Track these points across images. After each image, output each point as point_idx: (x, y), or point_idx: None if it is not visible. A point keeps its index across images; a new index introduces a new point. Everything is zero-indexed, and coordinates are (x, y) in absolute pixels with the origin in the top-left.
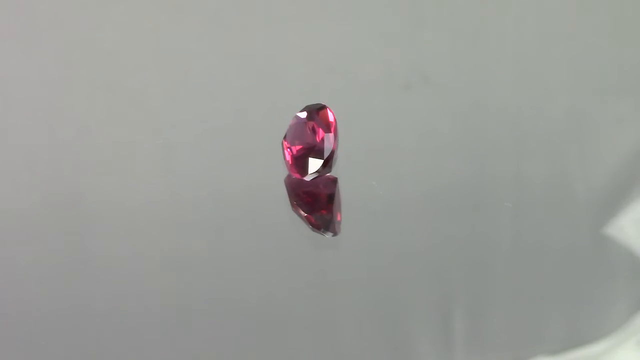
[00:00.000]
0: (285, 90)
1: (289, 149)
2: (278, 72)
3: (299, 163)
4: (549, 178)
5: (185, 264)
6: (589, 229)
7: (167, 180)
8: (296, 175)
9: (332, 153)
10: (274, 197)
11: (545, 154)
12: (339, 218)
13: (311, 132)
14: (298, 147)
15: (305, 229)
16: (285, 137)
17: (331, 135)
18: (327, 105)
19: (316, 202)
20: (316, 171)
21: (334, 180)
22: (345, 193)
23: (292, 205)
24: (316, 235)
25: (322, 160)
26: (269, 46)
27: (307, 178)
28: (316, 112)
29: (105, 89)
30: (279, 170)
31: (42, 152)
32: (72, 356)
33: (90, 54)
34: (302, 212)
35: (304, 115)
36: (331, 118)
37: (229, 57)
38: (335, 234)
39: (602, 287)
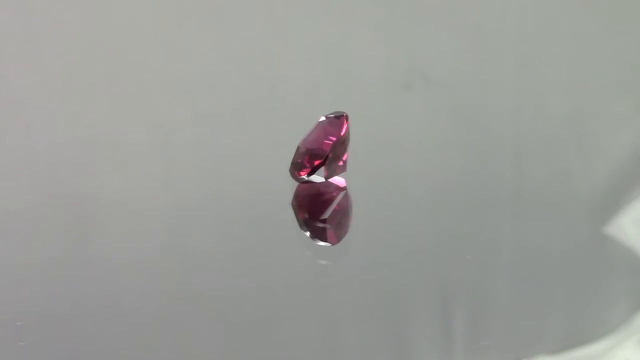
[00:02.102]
0: (285, 90)
1: (298, 150)
2: (278, 72)
3: (297, 165)
4: (549, 177)
5: (186, 264)
6: (589, 229)
7: (168, 180)
8: (293, 177)
9: (325, 159)
10: (275, 198)
11: (545, 154)
12: (344, 228)
13: (322, 136)
14: (304, 149)
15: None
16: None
17: (330, 142)
18: (346, 114)
19: (316, 209)
20: (308, 174)
21: (343, 189)
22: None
23: (292, 208)
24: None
25: (315, 165)
26: (269, 46)
27: (300, 181)
28: (333, 118)
29: (105, 89)
30: (280, 171)
31: (42, 152)
32: (72, 357)
33: (90, 54)
34: (301, 216)
35: (323, 119)
36: (342, 127)
37: (230, 57)
38: (332, 243)
39: (602, 286)
